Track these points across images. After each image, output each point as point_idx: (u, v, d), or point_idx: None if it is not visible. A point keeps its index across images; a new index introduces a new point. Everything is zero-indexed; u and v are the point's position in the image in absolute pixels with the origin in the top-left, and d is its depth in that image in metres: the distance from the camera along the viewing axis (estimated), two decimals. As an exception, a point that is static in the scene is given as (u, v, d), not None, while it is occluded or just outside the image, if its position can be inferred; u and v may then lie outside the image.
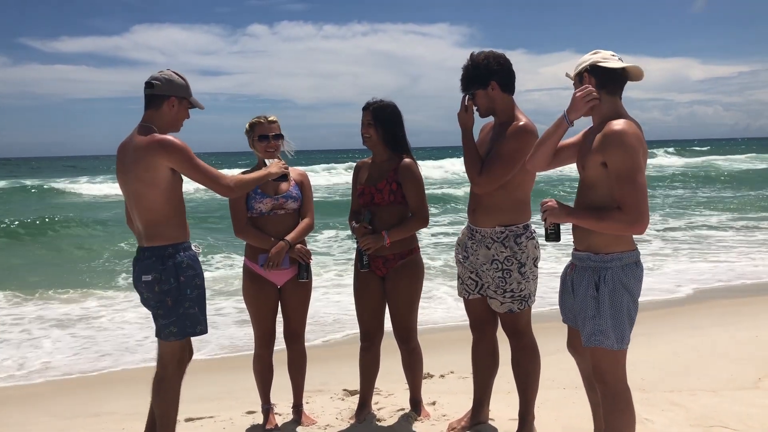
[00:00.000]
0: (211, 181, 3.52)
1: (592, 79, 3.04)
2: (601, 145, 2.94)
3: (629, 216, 2.85)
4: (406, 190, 4.05)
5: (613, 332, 2.99)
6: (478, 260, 3.81)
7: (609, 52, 3.07)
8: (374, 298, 4.19)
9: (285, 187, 4.16)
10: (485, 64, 3.67)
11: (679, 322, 7.25)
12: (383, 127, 4.08)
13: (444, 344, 6.33)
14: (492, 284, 3.76)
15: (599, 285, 3.01)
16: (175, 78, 3.55)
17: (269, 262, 4.05)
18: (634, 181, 2.85)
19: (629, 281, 3.01)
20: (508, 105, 3.74)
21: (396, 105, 4.16)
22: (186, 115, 3.64)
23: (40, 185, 30.36)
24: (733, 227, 15.08)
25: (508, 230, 3.72)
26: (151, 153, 3.38)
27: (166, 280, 3.44)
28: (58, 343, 7.04)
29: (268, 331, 4.25)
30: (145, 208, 3.46)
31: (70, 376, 6.15)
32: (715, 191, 26.26)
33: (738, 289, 9.03)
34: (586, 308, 3.05)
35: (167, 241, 3.48)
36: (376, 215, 4.09)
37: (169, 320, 3.48)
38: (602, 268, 3.01)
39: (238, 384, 5.35)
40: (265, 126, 4.16)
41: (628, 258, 3.02)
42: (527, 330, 3.88)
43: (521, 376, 3.89)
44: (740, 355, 5.74)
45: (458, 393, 4.85)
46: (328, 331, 7.26)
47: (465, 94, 3.75)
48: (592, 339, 3.03)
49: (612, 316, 2.98)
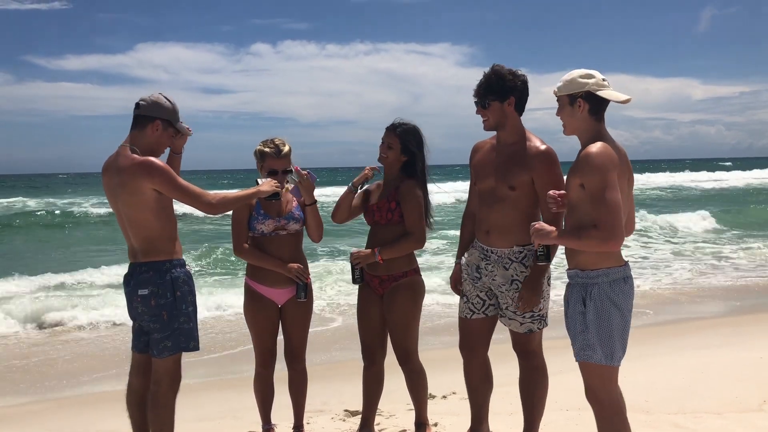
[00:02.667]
0: (193, 199, 3.53)
1: (585, 105, 3.09)
2: (577, 168, 3.04)
3: (603, 233, 2.91)
4: (404, 209, 4.02)
5: (600, 347, 3.02)
6: (494, 281, 3.77)
7: (599, 75, 3.12)
8: (374, 317, 4.16)
9: (288, 208, 4.14)
10: (510, 78, 3.69)
11: (682, 343, 7.20)
12: (406, 152, 4.05)
13: (448, 363, 6.28)
14: (512, 305, 3.73)
15: (585, 300, 3.06)
16: (163, 101, 3.56)
17: (304, 175, 3.99)
18: (605, 199, 2.92)
19: (617, 297, 3.04)
20: (518, 125, 3.75)
21: (420, 130, 4.10)
22: (168, 142, 3.66)
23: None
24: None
25: (526, 249, 3.70)
26: (134, 177, 3.41)
27: (162, 294, 3.46)
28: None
29: (268, 350, 4.22)
30: (138, 227, 3.50)
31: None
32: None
33: (741, 309, 8.99)
34: (575, 323, 3.10)
35: (164, 257, 3.50)
36: (376, 233, 4.09)
37: (164, 335, 3.49)
38: (589, 284, 3.06)
39: (238, 403, 5.31)
40: (275, 160, 4.07)
41: (615, 274, 3.05)
42: (539, 350, 3.86)
43: (529, 397, 3.86)
44: (745, 376, 5.69)
45: (461, 414, 4.80)
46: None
47: (478, 101, 3.72)
48: (580, 354, 3.08)
49: (599, 331, 3.02)
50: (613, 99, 3.10)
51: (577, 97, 3.09)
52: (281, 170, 4.07)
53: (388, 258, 4.01)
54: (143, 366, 3.69)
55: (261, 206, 4.07)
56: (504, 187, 3.69)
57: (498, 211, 3.72)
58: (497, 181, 3.72)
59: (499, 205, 3.71)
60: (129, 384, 3.75)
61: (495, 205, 3.73)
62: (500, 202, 3.71)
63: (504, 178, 3.69)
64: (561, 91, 3.16)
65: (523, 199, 3.67)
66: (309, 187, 4.07)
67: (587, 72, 3.12)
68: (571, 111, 3.13)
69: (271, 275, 4.08)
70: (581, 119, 3.11)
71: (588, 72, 3.12)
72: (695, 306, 9.45)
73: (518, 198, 3.67)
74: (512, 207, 3.68)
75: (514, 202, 3.68)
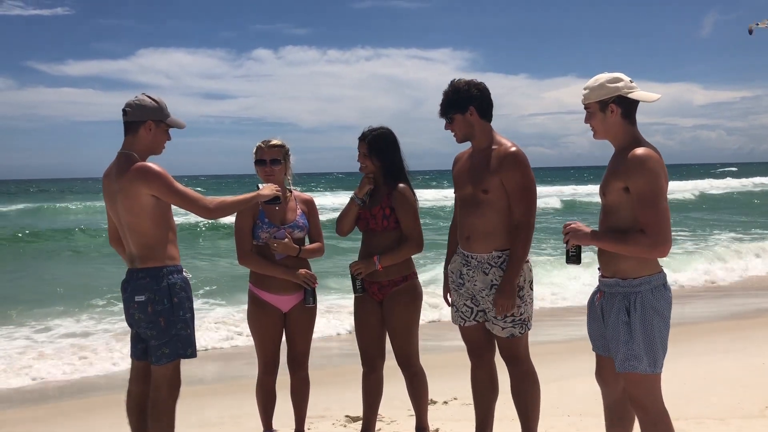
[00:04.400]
0: (190, 204, 3.54)
1: (618, 109, 3.04)
2: (624, 171, 2.96)
3: (652, 239, 2.87)
4: (400, 215, 4.03)
5: (646, 356, 2.99)
6: (475, 286, 3.78)
7: (626, 77, 3.07)
8: (373, 323, 4.16)
9: (292, 217, 4.14)
10: (465, 90, 3.74)
11: (685, 348, 7.18)
12: (379, 157, 4.08)
13: (448, 368, 6.27)
14: (492, 310, 3.74)
15: (630, 310, 3.00)
16: (146, 101, 3.57)
17: (276, 244, 3.98)
18: (657, 205, 2.88)
19: (659, 304, 3.00)
20: (486, 130, 3.79)
21: (392, 131, 4.14)
22: (165, 138, 3.66)
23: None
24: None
25: (505, 254, 3.71)
26: (132, 183, 3.43)
27: (159, 300, 3.46)
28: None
29: (271, 357, 4.21)
30: (137, 233, 3.51)
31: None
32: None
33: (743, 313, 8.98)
34: (619, 334, 3.03)
35: (161, 263, 3.51)
36: (372, 241, 4.08)
37: (162, 341, 3.49)
38: (632, 293, 3.01)
39: (240, 409, 5.31)
40: (264, 151, 4.14)
41: (656, 281, 3.02)
42: (526, 356, 3.85)
43: (522, 404, 3.85)
44: (747, 381, 5.68)
45: (461, 420, 4.80)
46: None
47: (443, 117, 3.79)
48: (625, 364, 3.01)
49: (644, 340, 2.98)
50: (645, 100, 3.05)
51: (609, 102, 3.04)
52: (269, 159, 4.09)
53: (387, 265, 4.03)
54: (142, 373, 3.69)
55: (264, 214, 4.07)
56: (479, 192, 3.72)
57: (476, 216, 3.74)
58: (473, 187, 3.75)
59: (476, 210, 3.74)
60: (128, 391, 3.74)
61: (473, 211, 3.76)
62: (477, 206, 3.74)
63: (478, 183, 3.73)
64: (590, 98, 3.09)
65: (497, 202, 3.69)
66: (286, 249, 4.04)
67: (614, 76, 3.06)
68: (602, 117, 3.07)
69: (276, 282, 4.08)
70: (614, 124, 3.06)
71: (615, 75, 3.06)
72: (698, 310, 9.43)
73: (492, 201, 3.69)
74: (488, 210, 3.70)
75: (490, 205, 3.70)
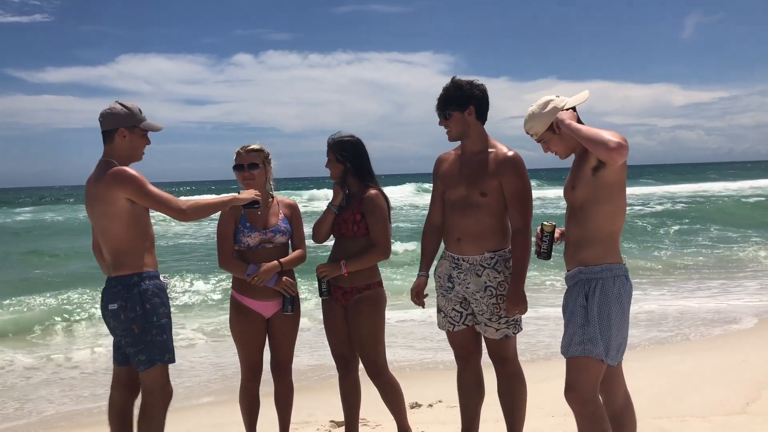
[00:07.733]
0: (163, 206, 3.53)
1: (574, 114, 3.17)
2: (591, 156, 3.08)
3: (615, 139, 2.89)
4: (369, 222, 4.03)
5: (602, 341, 3.01)
6: (468, 289, 3.78)
7: (550, 95, 3.23)
8: (341, 327, 4.14)
9: (274, 221, 4.12)
10: (467, 88, 3.75)
11: (667, 347, 7.25)
12: (346, 162, 4.09)
13: (433, 372, 6.29)
14: (486, 312, 3.74)
15: (588, 295, 3.07)
16: (117, 109, 3.57)
17: (256, 277, 3.97)
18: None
19: (619, 292, 3.06)
20: (481, 132, 3.81)
21: (358, 139, 4.14)
22: (143, 142, 3.66)
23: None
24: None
25: (497, 255, 3.73)
26: (108, 187, 3.45)
27: (131, 307, 3.46)
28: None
29: (254, 363, 4.18)
30: (110, 239, 3.51)
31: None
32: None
33: (725, 310, 9.06)
34: (576, 317, 3.08)
35: (132, 270, 3.50)
36: (342, 246, 4.08)
37: (137, 348, 3.49)
38: (592, 279, 3.08)
39: (224, 417, 5.28)
40: (242, 155, 4.11)
41: (618, 270, 3.09)
42: (515, 356, 3.86)
43: (509, 404, 3.86)
44: (728, 379, 5.74)
45: (447, 423, 4.81)
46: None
47: (440, 113, 3.79)
48: (580, 348, 3.04)
49: (600, 325, 3.02)
50: (580, 101, 3.22)
51: (554, 124, 3.17)
52: (247, 164, 4.06)
53: (353, 270, 4.02)
54: (123, 379, 3.68)
55: (247, 219, 4.05)
56: (476, 194, 3.72)
57: (470, 217, 3.74)
58: (468, 189, 3.75)
59: (471, 212, 3.74)
60: (110, 398, 3.72)
61: (467, 213, 3.75)
62: (472, 208, 3.74)
63: (475, 185, 3.73)
64: (538, 130, 3.23)
65: (494, 205, 3.71)
66: (267, 274, 3.96)
67: (544, 101, 3.22)
68: (558, 138, 3.20)
69: (258, 288, 4.04)
70: (570, 138, 3.16)
71: (544, 100, 3.22)
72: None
73: (490, 204, 3.71)
74: (485, 213, 3.72)
75: (486, 208, 3.72)
